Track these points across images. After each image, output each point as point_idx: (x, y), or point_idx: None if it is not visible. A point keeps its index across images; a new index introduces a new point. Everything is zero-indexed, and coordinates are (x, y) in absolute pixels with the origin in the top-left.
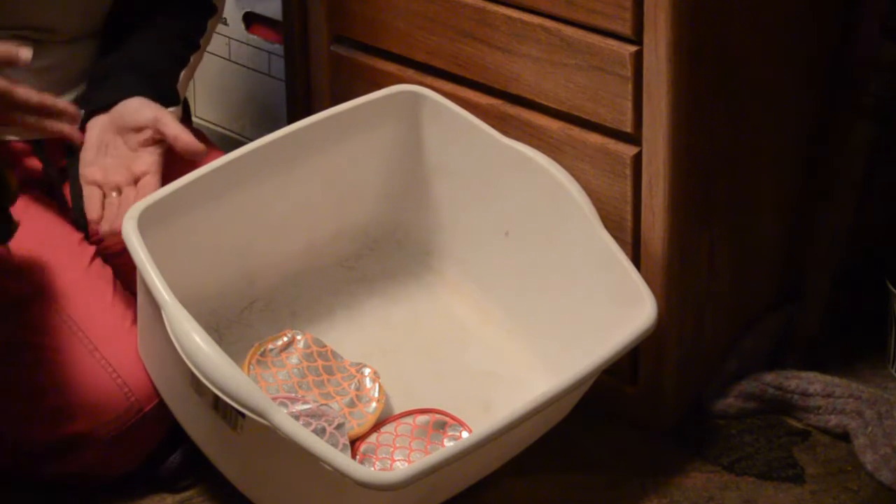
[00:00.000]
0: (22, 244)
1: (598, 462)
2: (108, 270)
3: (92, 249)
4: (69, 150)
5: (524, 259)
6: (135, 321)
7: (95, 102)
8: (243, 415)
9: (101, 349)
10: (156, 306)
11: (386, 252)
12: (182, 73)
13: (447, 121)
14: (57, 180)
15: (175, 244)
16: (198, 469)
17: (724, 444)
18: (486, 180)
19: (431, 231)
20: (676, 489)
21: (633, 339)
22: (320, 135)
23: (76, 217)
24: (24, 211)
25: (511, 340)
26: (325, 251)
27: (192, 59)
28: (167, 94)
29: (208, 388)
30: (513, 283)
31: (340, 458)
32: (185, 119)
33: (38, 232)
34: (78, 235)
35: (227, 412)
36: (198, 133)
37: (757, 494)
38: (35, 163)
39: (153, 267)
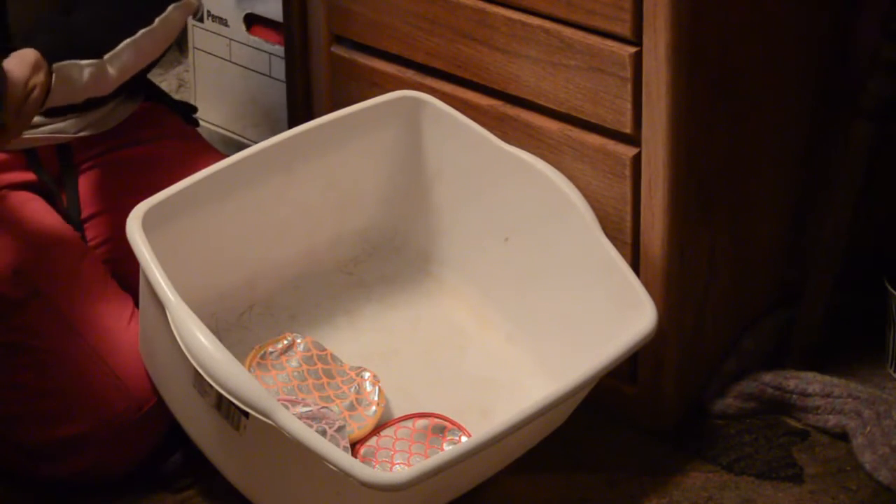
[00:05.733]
0: (17, 245)
1: (598, 462)
2: (105, 270)
3: (88, 250)
4: (63, 160)
5: (523, 264)
6: (132, 320)
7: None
8: (247, 414)
9: (99, 350)
10: (159, 306)
11: (385, 257)
12: (124, 42)
13: (447, 126)
14: (53, 186)
15: (176, 247)
16: (198, 469)
17: (724, 444)
18: (485, 186)
19: (431, 236)
20: (676, 489)
21: (633, 344)
22: (321, 139)
23: (72, 218)
24: (19, 212)
25: (510, 346)
26: (324, 256)
27: (140, 32)
28: (89, 54)
29: (212, 388)
30: (512, 288)
31: (345, 459)
32: (190, 120)
33: (33, 233)
34: (74, 235)
35: (229, 412)
36: (197, 135)
37: (756, 494)
38: (29, 174)
39: (157, 266)
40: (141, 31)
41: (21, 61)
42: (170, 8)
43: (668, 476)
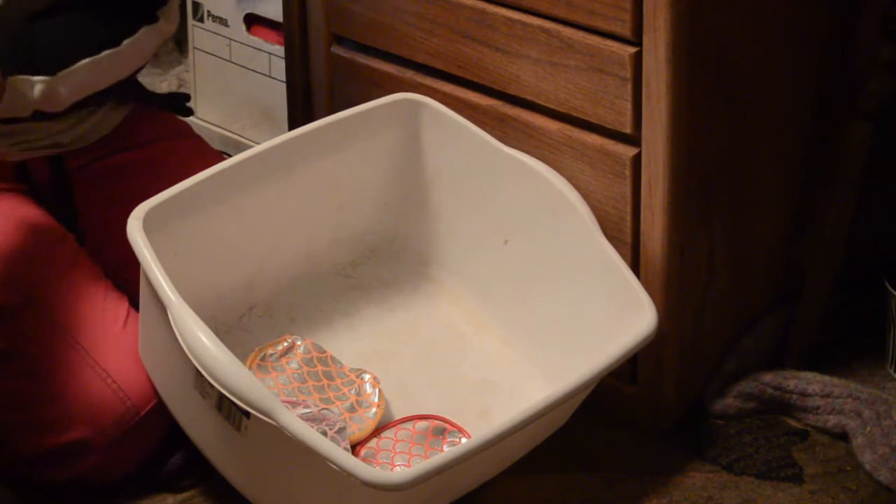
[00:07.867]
0: (8, 251)
1: (598, 462)
2: (99, 273)
3: (82, 252)
4: (55, 168)
5: (523, 267)
6: (128, 323)
7: None
8: (248, 415)
9: (95, 354)
10: (160, 307)
11: (384, 260)
12: (83, 62)
13: (446, 129)
14: (46, 193)
15: (175, 248)
16: (198, 470)
17: (724, 444)
18: (484, 188)
19: (430, 239)
20: (676, 489)
21: (633, 346)
22: (320, 142)
23: (68, 224)
24: (10, 217)
25: (509, 349)
26: (323, 258)
27: (104, 53)
28: (45, 70)
29: (213, 388)
30: (511, 291)
31: (347, 458)
32: (184, 110)
33: (24, 238)
34: (67, 238)
35: (231, 413)
36: (191, 133)
37: (756, 494)
38: (22, 185)
39: (158, 266)
40: (105, 52)
41: None
42: (141, 31)
43: (668, 476)
